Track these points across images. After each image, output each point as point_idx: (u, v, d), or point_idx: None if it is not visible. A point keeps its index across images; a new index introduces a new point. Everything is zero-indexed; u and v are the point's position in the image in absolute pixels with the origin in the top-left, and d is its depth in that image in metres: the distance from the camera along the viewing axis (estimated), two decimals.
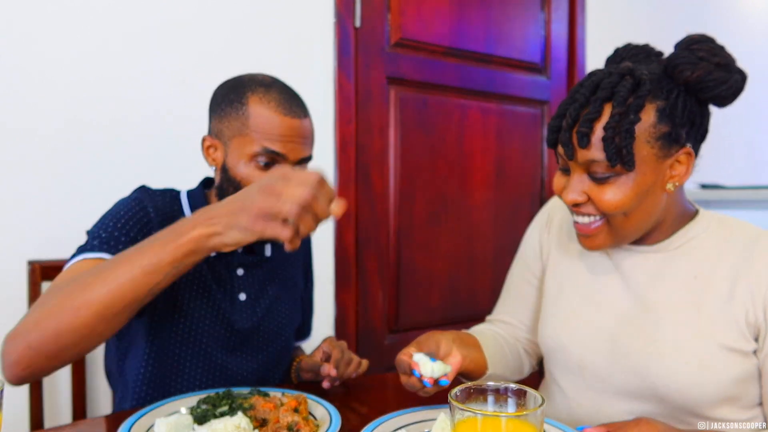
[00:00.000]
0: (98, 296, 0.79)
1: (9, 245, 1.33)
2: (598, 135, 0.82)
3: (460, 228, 2.11)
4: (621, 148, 0.81)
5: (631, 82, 0.83)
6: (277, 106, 1.01)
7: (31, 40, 1.34)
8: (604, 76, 0.86)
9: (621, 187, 0.85)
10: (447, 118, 2.06)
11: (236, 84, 1.05)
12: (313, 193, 0.76)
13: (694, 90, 0.85)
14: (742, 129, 3.11)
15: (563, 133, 0.86)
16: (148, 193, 1.07)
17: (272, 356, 1.16)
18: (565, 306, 1.02)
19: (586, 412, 0.97)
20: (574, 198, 0.88)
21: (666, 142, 0.84)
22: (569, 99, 0.87)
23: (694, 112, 0.86)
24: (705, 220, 0.95)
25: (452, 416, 0.65)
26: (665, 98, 0.84)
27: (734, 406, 0.88)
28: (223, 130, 1.04)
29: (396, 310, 1.98)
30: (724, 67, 0.84)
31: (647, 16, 2.64)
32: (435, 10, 2.00)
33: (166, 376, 1.05)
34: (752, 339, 0.87)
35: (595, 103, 0.83)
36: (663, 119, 0.83)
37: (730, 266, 0.89)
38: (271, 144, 1.00)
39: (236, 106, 1.02)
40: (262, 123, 1.00)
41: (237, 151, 1.02)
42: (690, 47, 0.85)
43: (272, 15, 1.67)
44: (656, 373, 0.88)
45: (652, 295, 0.93)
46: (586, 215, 0.90)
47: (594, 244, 0.92)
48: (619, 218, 0.88)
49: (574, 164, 0.88)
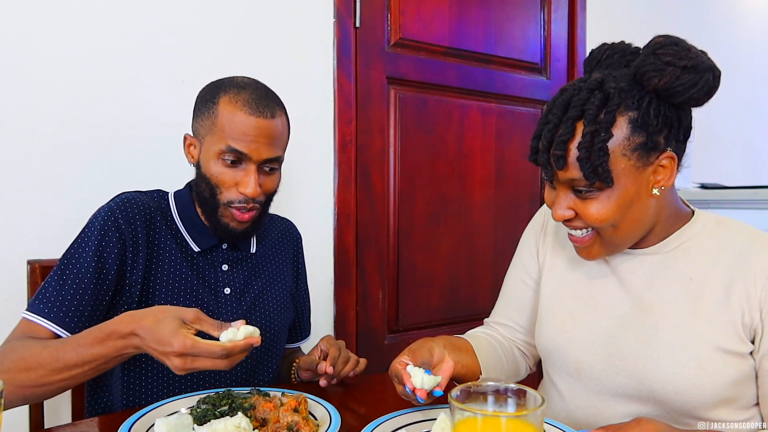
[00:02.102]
0: (57, 382, 0.89)
1: (9, 245, 1.33)
2: (574, 155, 0.83)
3: (460, 228, 2.11)
4: (596, 167, 0.82)
5: (600, 97, 0.82)
6: (244, 106, 1.03)
7: (31, 40, 1.34)
8: (573, 92, 0.85)
9: (604, 202, 0.85)
10: (447, 118, 2.06)
11: (214, 85, 1.09)
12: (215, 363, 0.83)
13: (664, 96, 0.83)
14: (742, 129, 3.11)
15: (540, 155, 0.87)
16: (125, 202, 1.07)
17: (259, 352, 1.17)
18: (561, 309, 1.02)
19: (584, 415, 0.97)
20: (562, 214, 0.90)
21: (643, 151, 0.84)
22: (543, 119, 0.88)
23: (669, 116, 0.84)
24: (701, 222, 0.95)
25: (452, 416, 0.65)
26: (636, 108, 0.83)
27: (731, 407, 0.88)
28: (198, 129, 1.09)
29: (396, 310, 1.98)
30: (692, 69, 0.81)
31: (647, 16, 2.64)
32: (435, 10, 2.00)
33: (147, 376, 1.05)
34: (749, 340, 0.87)
35: (566, 123, 0.83)
36: (636, 130, 0.83)
37: (726, 268, 0.89)
38: (234, 143, 1.03)
39: (209, 105, 1.06)
40: (227, 121, 1.03)
41: (208, 148, 1.06)
42: (656, 52, 0.83)
43: (272, 15, 1.67)
44: (653, 375, 0.88)
45: (648, 297, 0.93)
46: (577, 229, 0.91)
47: (590, 254, 0.93)
48: (608, 230, 0.88)
49: (557, 182, 0.89)
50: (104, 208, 1.06)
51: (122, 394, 1.06)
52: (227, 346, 0.81)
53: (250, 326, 0.85)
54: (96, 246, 1.02)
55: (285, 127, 1.10)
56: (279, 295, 1.23)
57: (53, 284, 1.00)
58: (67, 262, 1.02)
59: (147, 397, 1.05)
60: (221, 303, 1.12)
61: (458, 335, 1.13)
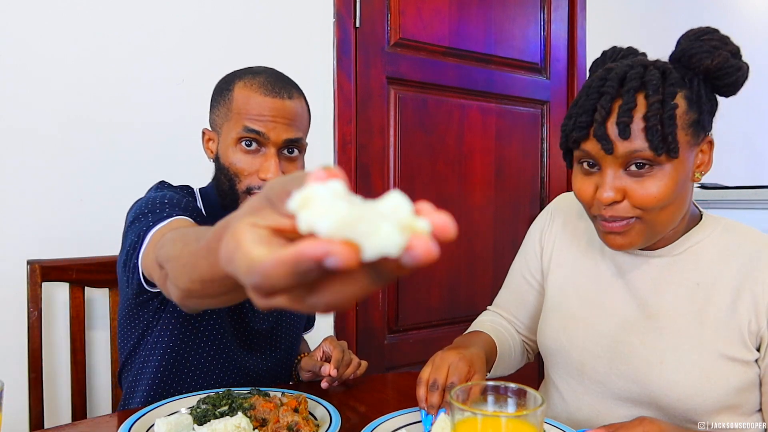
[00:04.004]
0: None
1: (9, 245, 1.33)
2: (639, 124, 0.80)
3: (460, 228, 2.09)
4: (666, 135, 0.79)
5: (657, 73, 0.82)
6: (259, 87, 1.00)
7: (31, 41, 1.34)
8: (627, 68, 0.84)
9: (662, 179, 0.82)
10: (447, 118, 2.06)
11: (229, 75, 1.06)
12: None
13: (712, 78, 0.84)
14: (742, 129, 3.11)
15: (597, 127, 0.82)
16: (171, 189, 1.07)
17: (284, 354, 1.17)
18: (566, 309, 1.02)
19: (585, 416, 0.97)
20: (610, 196, 0.83)
21: (696, 129, 0.84)
22: (595, 94, 0.84)
23: (711, 100, 0.86)
24: (710, 225, 0.93)
25: (452, 416, 0.65)
26: (689, 87, 0.84)
27: (734, 413, 0.87)
28: (215, 120, 1.05)
29: (396, 310, 1.98)
30: (737, 55, 0.85)
31: (647, 16, 2.64)
32: (435, 10, 2.00)
33: (183, 372, 1.05)
34: (754, 348, 0.86)
35: (628, 94, 0.81)
36: (692, 106, 0.83)
37: (733, 274, 0.88)
38: (251, 123, 0.99)
39: (224, 93, 1.03)
40: (243, 103, 1.00)
41: (225, 137, 1.03)
42: (700, 38, 0.85)
43: (272, 15, 1.67)
44: (656, 381, 0.87)
45: (654, 301, 0.92)
46: (617, 219, 0.85)
47: (624, 242, 0.87)
48: (654, 213, 0.84)
49: (610, 160, 0.83)
50: (158, 190, 1.04)
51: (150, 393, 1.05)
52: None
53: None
54: (174, 199, 0.97)
55: (304, 110, 1.06)
56: None
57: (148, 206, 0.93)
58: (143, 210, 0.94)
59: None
60: (254, 309, 1.10)
61: (479, 329, 1.11)
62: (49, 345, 1.36)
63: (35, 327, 1.26)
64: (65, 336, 1.37)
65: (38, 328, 1.26)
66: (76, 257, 1.33)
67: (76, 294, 1.31)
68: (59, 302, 1.38)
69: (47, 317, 1.35)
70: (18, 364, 1.30)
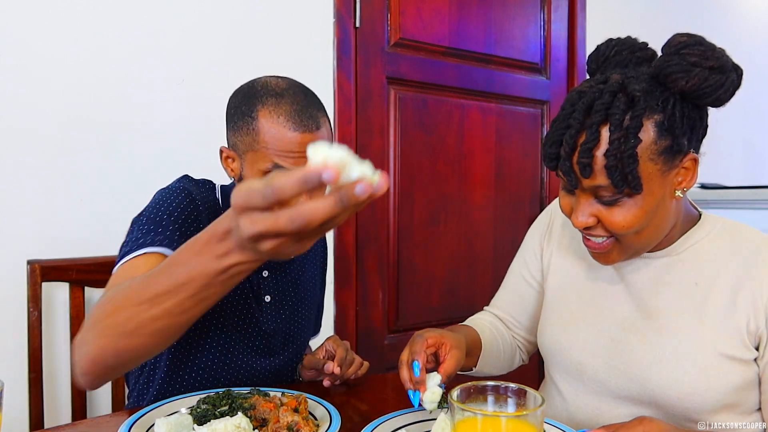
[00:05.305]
0: (150, 321, 0.69)
1: (9, 245, 1.33)
2: (600, 162, 0.79)
3: (460, 228, 2.11)
4: (626, 174, 0.78)
5: (624, 101, 0.79)
6: (287, 121, 0.96)
7: (31, 41, 1.34)
8: (594, 96, 0.81)
9: (631, 208, 0.82)
10: (447, 118, 2.06)
11: (248, 93, 1.01)
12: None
13: (690, 98, 0.81)
14: (742, 129, 3.11)
15: (562, 162, 0.82)
16: (193, 183, 1.06)
17: (292, 356, 1.17)
18: (565, 309, 1.02)
19: (585, 416, 0.97)
20: (584, 221, 0.85)
21: (669, 155, 0.81)
22: (563, 124, 0.83)
23: (693, 118, 0.82)
24: (708, 225, 0.93)
25: (452, 416, 0.65)
26: (662, 110, 0.80)
27: (733, 412, 0.88)
28: (237, 144, 1.01)
29: (396, 309, 1.98)
30: (719, 70, 0.79)
31: (647, 16, 2.64)
32: (435, 10, 2.00)
33: (191, 372, 1.05)
34: (753, 347, 0.86)
35: (591, 129, 0.79)
36: (663, 134, 0.80)
37: (732, 273, 0.88)
38: (281, 161, 0.97)
39: (247, 120, 0.98)
40: (271, 139, 0.96)
41: (250, 165, 1.00)
42: (680, 52, 0.80)
43: (272, 15, 1.67)
44: (656, 380, 0.88)
45: (653, 301, 0.92)
46: (598, 237, 0.87)
47: (608, 260, 0.90)
48: (630, 236, 0.85)
49: (579, 189, 0.85)
50: (176, 186, 1.04)
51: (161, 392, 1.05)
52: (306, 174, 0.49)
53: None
54: (174, 213, 0.98)
55: (329, 131, 1.04)
56: (311, 303, 1.23)
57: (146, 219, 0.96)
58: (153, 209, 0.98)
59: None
60: (263, 310, 1.11)
61: (464, 323, 1.13)
62: (49, 345, 1.36)
63: (35, 327, 1.26)
64: (65, 336, 1.37)
65: (38, 328, 1.26)
66: (76, 257, 1.33)
67: (76, 294, 1.31)
68: (59, 302, 1.38)
69: (47, 317, 1.35)
70: (18, 364, 1.30)
